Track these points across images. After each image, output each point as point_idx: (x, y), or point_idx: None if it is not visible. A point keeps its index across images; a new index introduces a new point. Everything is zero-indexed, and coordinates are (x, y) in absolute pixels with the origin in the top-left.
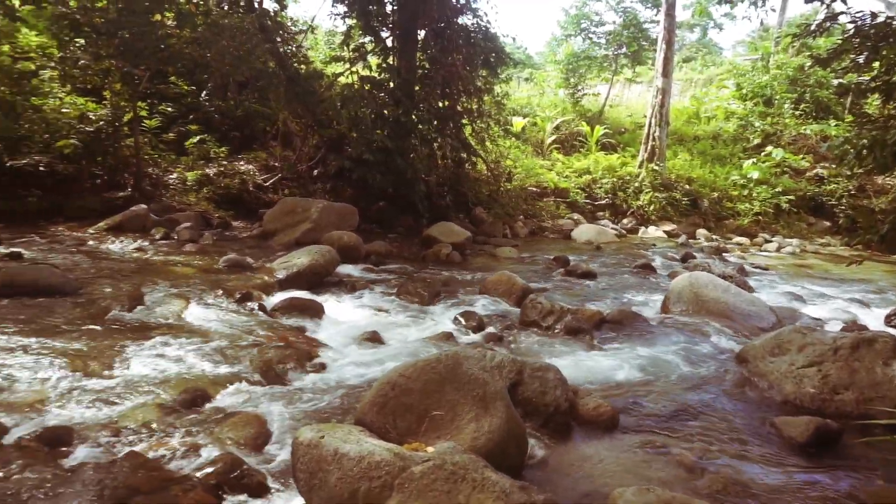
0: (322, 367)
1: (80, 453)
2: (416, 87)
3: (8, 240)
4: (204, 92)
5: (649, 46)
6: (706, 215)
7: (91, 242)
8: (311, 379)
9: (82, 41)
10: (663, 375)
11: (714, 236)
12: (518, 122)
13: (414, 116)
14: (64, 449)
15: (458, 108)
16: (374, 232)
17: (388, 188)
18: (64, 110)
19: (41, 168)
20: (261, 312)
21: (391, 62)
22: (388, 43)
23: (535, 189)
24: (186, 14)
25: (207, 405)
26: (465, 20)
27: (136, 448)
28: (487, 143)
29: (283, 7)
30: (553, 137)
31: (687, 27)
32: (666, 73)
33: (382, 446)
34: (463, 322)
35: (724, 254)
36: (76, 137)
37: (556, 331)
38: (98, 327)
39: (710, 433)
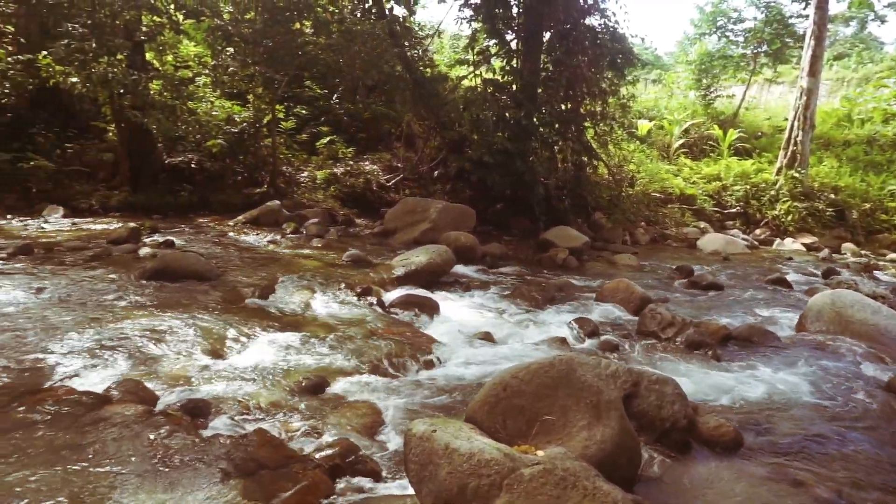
0: (435, 363)
1: (216, 425)
2: (539, 90)
3: (164, 229)
4: (335, 95)
5: (794, 44)
6: (854, 228)
7: (231, 234)
8: (424, 374)
9: (232, 50)
10: (796, 399)
11: (863, 252)
12: (644, 125)
13: (535, 119)
14: (202, 420)
15: (581, 110)
16: (490, 233)
17: (507, 190)
18: (214, 113)
19: (193, 165)
20: (378, 307)
21: (515, 65)
22: (513, 46)
23: (658, 195)
24: (323, 22)
25: (327, 392)
26: (593, 21)
27: (264, 425)
28: (610, 147)
29: (412, 13)
30: (681, 141)
31: (841, 21)
32: (813, 72)
33: (492, 445)
34: (577, 328)
35: (874, 272)
36: (223, 138)
37: (677, 343)
38: (235, 312)
39: (850, 468)
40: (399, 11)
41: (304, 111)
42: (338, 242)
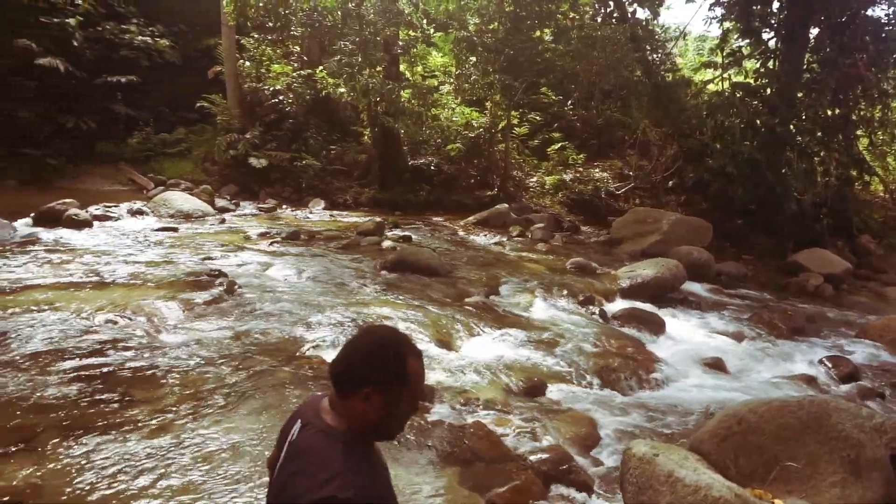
0: (658, 384)
1: (439, 410)
2: (799, 94)
3: (404, 224)
4: (569, 101)
5: None
6: None
7: (461, 233)
8: (646, 393)
9: (475, 59)
10: None
11: None
12: None
13: (792, 126)
14: (427, 405)
15: (853, 116)
16: (727, 250)
17: (750, 204)
18: (454, 119)
19: (432, 167)
20: (600, 318)
21: (771, 66)
22: (770, 45)
23: None
24: (563, 29)
25: (544, 396)
26: (878, 11)
27: (482, 419)
28: (889, 160)
29: (657, 15)
30: None
31: None
32: None
33: (723, 483)
34: (830, 367)
35: None
36: (461, 142)
37: None
38: (461, 307)
39: None
40: (642, 14)
41: (537, 117)
42: (562, 248)
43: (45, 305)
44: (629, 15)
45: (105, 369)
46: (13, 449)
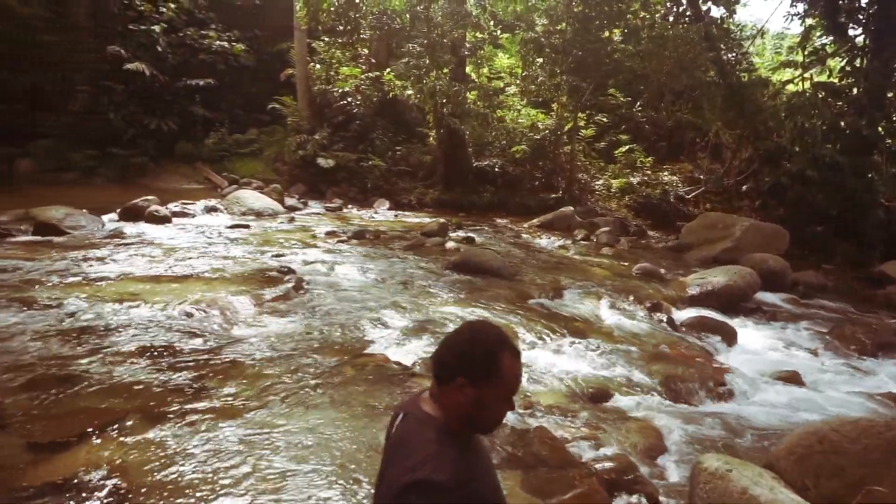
0: (728, 396)
1: None
2: (889, 94)
3: (467, 226)
4: (638, 103)
5: None
6: None
7: (525, 236)
8: (715, 405)
9: (541, 60)
10: None
11: None
12: None
13: (881, 128)
14: None
15: None
16: (804, 258)
17: (832, 211)
18: (520, 121)
19: (497, 169)
20: (668, 325)
21: (858, 65)
22: (858, 42)
23: None
24: (633, 28)
25: (608, 403)
26: None
27: (545, 423)
28: None
29: (732, 13)
30: None
31: None
32: None
33: None
34: None
35: None
36: (526, 144)
37: None
38: (524, 309)
39: None
40: (716, 12)
41: (604, 119)
42: (628, 253)
43: (129, 297)
44: (703, 13)
45: (183, 359)
46: (105, 430)
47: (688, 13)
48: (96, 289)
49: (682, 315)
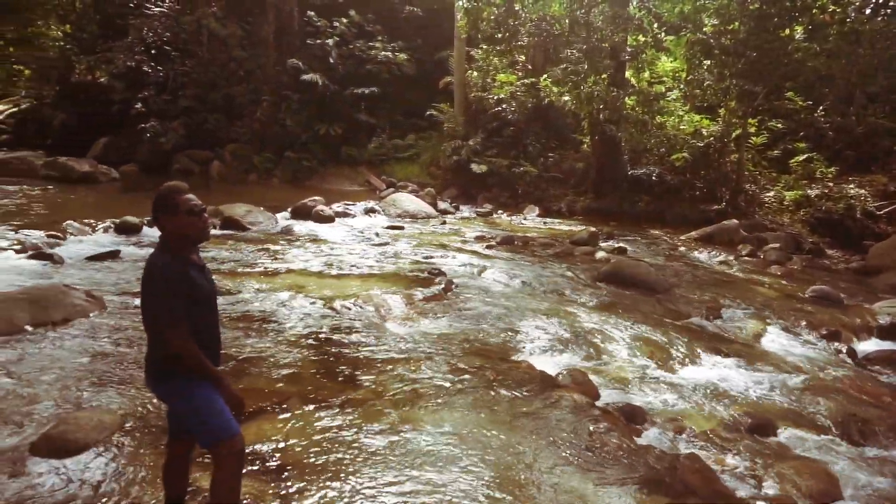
0: None
1: (650, 435)
2: None
3: (619, 235)
4: (821, 107)
5: None
6: None
7: (681, 248)
8: None
9: (709, 63)
10: None
11: None
12: None
13: None
14: (637, 426)
15: None
16: None
17: None
18: (681, 127)
19: (653, 177)
20: (848, 357)
21: None
22: None
23: None
24: (818, 25)
25: (772, 438)
26: None
27: (697, 451)
28: None
29: None
30: None
31: None
32: None
33: None
34: None
35: None
36: (687, 151)
37: None
38: (678, 327)
39: None
40: None
41: (779, 125)
42: (801, 273)
43: (296, 288)
44: None
45: (339, 350)
46: (271, 410)
47: (890, 4)
48: (268, 280)
49: (867, 347)
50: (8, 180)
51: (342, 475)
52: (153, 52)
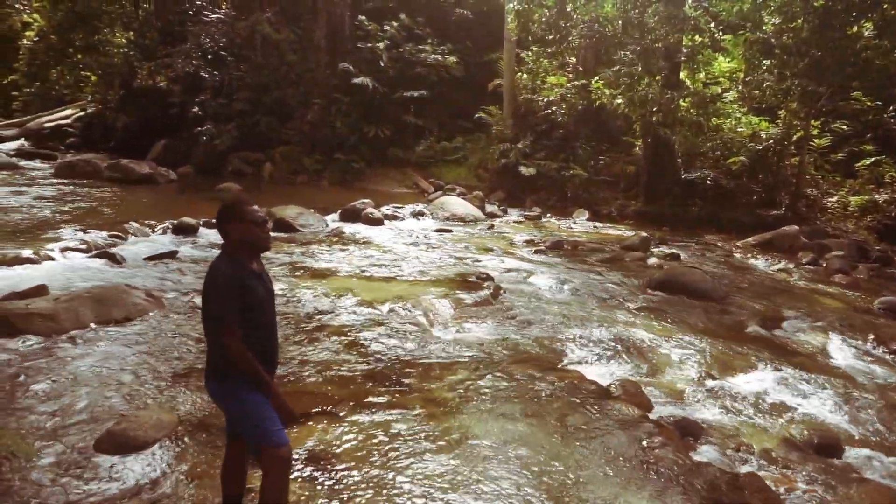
0: None
1: (706, 451)
2: None
3: (671, 241)
4: (891, 108)
5: None
6: None
7: (737, 255)
8: None
9: (769, 62)
10: None
11: None
12: None
13: None
14: (692, 441)
15: None
16: None
17: None
18: (738, 129)
19: (708, 181)
20: None
21: None
22: None
23: None
24: (891, 20)
25: (838, 459)
26: None
27: (756, 470)
28: None
29: None
30: None
31: None
32: None
33: None
34: None
35: None
36: (745, 154)
37: None
38: (735, 337)
39: None
40: None
41: (844, 126)
42: (868, 283)
43: (345, 290)
44: None
45: (388, 353)
46: (321, 413)
47: None
48: (317, 282)
49: None
50: (77, 182)
51: (390, 481)
52: (209, 57)
